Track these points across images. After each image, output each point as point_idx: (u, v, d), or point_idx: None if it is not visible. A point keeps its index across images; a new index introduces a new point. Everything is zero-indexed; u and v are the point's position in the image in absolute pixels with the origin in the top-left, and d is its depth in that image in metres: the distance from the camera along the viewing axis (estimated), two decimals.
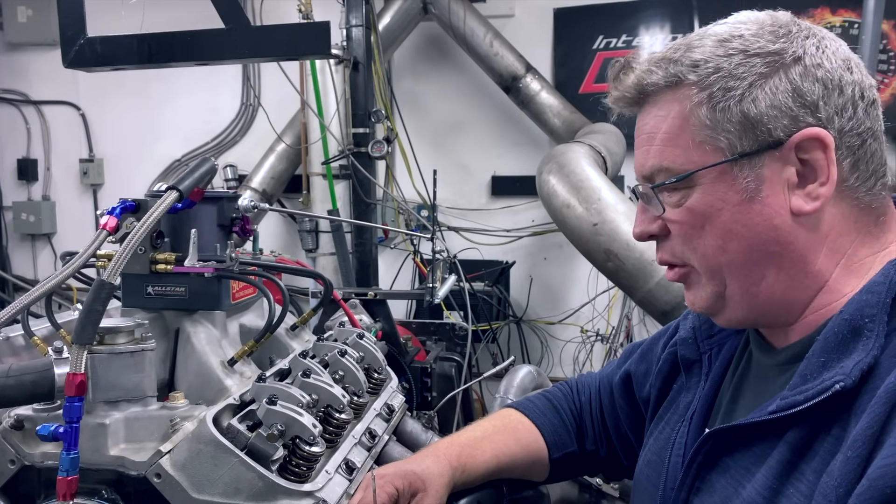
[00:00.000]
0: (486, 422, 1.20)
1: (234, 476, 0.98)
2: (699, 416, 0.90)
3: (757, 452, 0.76)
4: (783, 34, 0.76)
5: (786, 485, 0.71)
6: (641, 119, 0.83)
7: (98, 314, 0.92)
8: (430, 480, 1.04)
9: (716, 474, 0.81)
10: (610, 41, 4.61)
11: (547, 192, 3.13)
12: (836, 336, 0.72)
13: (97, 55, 1.63)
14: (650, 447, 0.99)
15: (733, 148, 0.75)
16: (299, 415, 1.03)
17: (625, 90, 0.83)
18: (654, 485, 0.92)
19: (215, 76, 5.05)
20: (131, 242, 0.96)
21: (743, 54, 0.75)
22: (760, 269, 0.78)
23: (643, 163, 0.83)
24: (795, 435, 0.72)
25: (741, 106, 0.74)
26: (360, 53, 3.79)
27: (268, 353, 1.40)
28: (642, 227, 0.87)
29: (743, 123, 0.75)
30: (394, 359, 2.40)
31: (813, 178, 0.75)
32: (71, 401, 0.88)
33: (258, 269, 1.34)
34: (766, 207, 0.76)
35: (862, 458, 0.63)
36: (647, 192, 0.84)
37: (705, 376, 0.94)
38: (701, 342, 0.97)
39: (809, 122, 0.74)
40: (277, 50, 1.65)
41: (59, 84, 5.36)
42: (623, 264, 2.74)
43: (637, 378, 1.11)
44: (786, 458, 0.72)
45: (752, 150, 0.75)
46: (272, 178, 4.65)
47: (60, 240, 5.66)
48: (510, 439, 1.14)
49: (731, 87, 0.75)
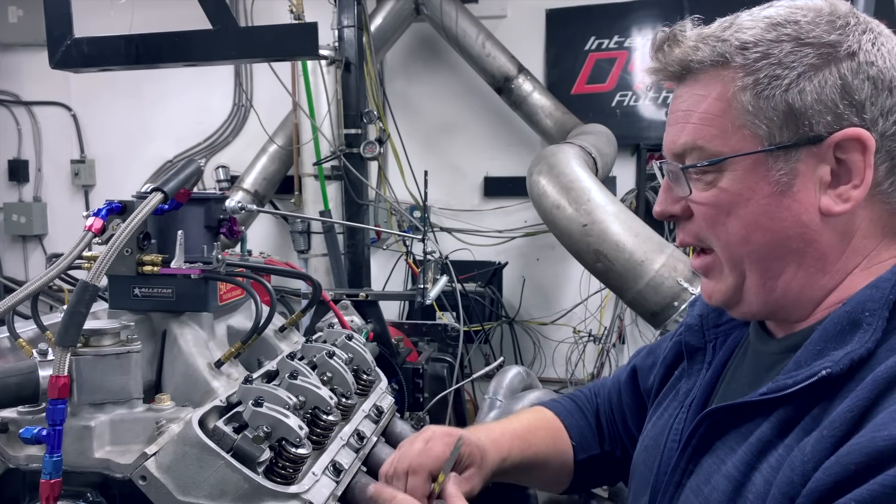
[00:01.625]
0: (524, 415, 1.18)
1: (219, 478, 0.98)
2: (698, 402, 0.90)
3: (743, 432, 0.77)
4: (840, 25, 0.73)
5: (761, 460, 0.72)
6: (680, 94, 0.81)
7: (81, 316, 0.91)
8: (486, 459, 1.04)
9: (707, 457, 0.81)
10: (602, 42, 4.63)
11: (537, 193, 3.14)
12: (835, 327, 0.72)
13: (84, 56, 1.62)
14: (648, 432, 0.99)
15: (772, 138, 0.73)
16: (285, 416, 1.03)
17: (668, 63, 0.80)
18: (650, 469, 0.92)
19: (207, 77, 5.04)
20: (115, 244, 0.96)
21: (795, 42, 0.72)
22: (781, 265, 0.77)
23: (675, 139, 0.80)
24: (779, 416, 0.73)
25: (786, 96, 0.72)
26: (352, 54, 3.79)
27: (256, 354, 1.40)
28: (664, 206, 0.85)
29: (786, 114, 0.72)
30: (385, 360, 2.40)
31: (847, 180, 0.73)
32: (54, 403, 0.88)
33: (245, 270, 1.34)
34: (795, 203, 0.74)
35: (836, 439, 0.63)
36: (674, 170, 0.81)
37: (708, 364, 0.93)
38: (707, 330, 0.96)
39: (853, 122, 0.71)
40: (265, 51, 1.65)
41: (51, 85, 5.34)
42: (612, 265, 2.74)
43: (643, 371, 1.11)
44: (766, 436, 0.73)
45: (791, 142, 0.73)
46: (264, 179, 4.64)
47: (52, 241, 5.63)
48: (549, 438, 1.14)
49: (779, 76, 0.72)
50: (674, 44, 0.80)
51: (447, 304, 3.73)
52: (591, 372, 4.72)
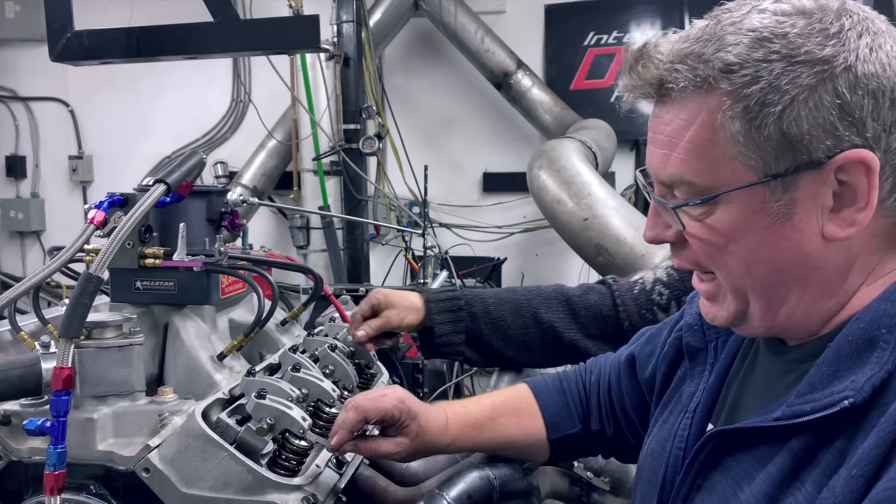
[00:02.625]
0: (497, 397, 1.19)
1: (223, 470, 0.98)
2: (702, 410, 0.88)
3: (759, 455, 0.73)
4: (834, 33, 0.65)
5: (784, 493, 0.68)
6: (660, 116, 0.73)
7: (85, 308, 0.91)
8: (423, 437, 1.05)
9: (717, 473, 0.79)
10: (601, 37, 4.62)
11: (538, 188, 3.14)
12: (849, 345, 0.68)
13: (84, 49, 1.61)
14: (654, 436, 0.97)
15: (767, 168, 0.67)
16: (288, 408, 1.02)
17: (643, 84, 0.73)
18: (656, 475, 0.90)
19: (205, 72, 5.03)
20: (119, 236, 0.95)
21: (786, 61, 0.65)
22: (784, 292, 0.73)
23: (661, 166, 0.74)
24: (799, 444, 0.69)
25: (780, 123, 0.65)
26: (351, 49, 3.79)
27: (257, 348, 1.40)
28: (655, 233, 0.79)
29: (781, 143, 0.66)
30: (385, 355, 2.39)
31: (850, 202, 0.67)
32: (58, 395, 0.87)
33: (247, 263, 1.33)
34: (796, 232, 0.69)
35: (867, 478, 0.60)
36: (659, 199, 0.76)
37: (710, 367, 0.91)
38: (707, 330, 0.92)
39: (854, 143, 0.65)
40: (266, 43, 1.64)
41: (48, 80, 5.33)
42: (613, 259, 2.75)
43: (640, 360, 1.10)
44: (787, 466, 0.69)
45: (788, 171, 0.66)
46: (263, 174, 4.64)
47: (49, 237, 5.62)
48: (512, 423, 1.13)
49: (771, 102, 0.65)
50: (647, 62, 0.72)
51: None
52: None
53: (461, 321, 1.42)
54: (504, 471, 1.15)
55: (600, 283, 1.49)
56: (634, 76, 0.74)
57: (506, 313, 1.43)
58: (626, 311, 1.42)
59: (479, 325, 1.43)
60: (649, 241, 0.81)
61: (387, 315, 1.38)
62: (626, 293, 1.43)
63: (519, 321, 1.43)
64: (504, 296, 1.47)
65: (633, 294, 1.43)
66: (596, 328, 1.43)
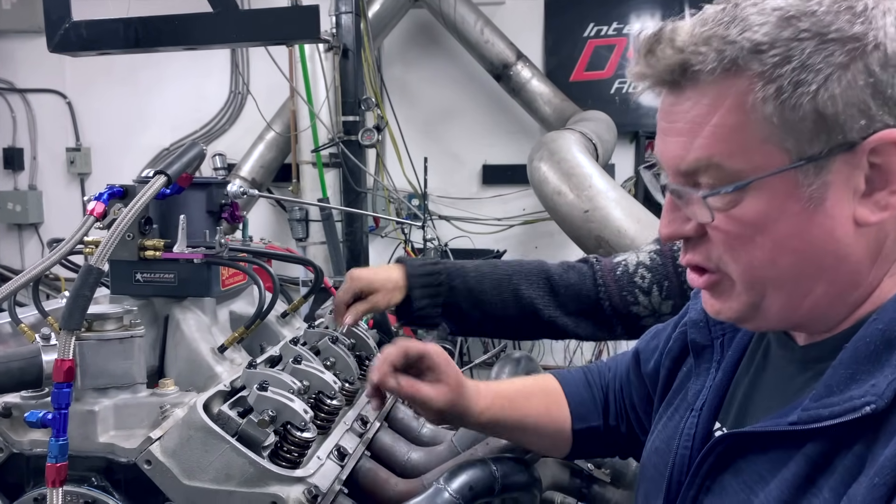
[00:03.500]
0: (525, 380, 1.17)
1: (225, 462, 0.98)
2: (709, 409, 0.85)
3: (773, 458, 0.71)
4: (860, 11, 0.64)
5: (800, 499, 0.67)
6: (678, 103, 0.70)
7: (86, 300, 0.91)
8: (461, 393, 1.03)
9: (728, 475, 0.77)
10: (601, 29, 4.60)
11: (538, 179, 3.13)
12: (867, 346, 0.66)
13: (82, 39, 1.60)
14: (658, 433, 0.95)
15: (801, 151, 0.65)
16: (290, 400, 1.02)
17: (661, 70, 0.69)
18: (661, 475, 0.89)
19: (203, 64, 5.00)
20: (119, 227, 0.95)
21: (818, 39, 0.63)
22: (809, 284, 0.70)
23: (681, 155, 0.70)
24: (814, 449, 0.67)
25: (815, 103, 0.63)
26: (350, 40, 3.77)
27: (258, 340, 1.40)
28: (673, 228, 0.75)
29: (816, 123, 0.64)
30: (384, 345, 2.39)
31: (882, 185, 0.66)
32: (59, 387, 0.87)
33: (248, 255, 1.33)
34: (828, 218, 0.66)
35: (889, 487, 0.59)
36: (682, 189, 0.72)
37: (717, 364, 0.88)
38: (713, 327, 0.90)
39: (887, 123, 0.64)
40: (266, 34, 1.63)
41: (45, 72, 5.30)
42: (614, 250, 2.74)
43: (644, 354, 1.08)
44: (802, 471, 0.67)
45: (823, 153, 0.64)
46: (261, 167, 4.62)
47: (48, 230, 5.61)
48: (542, 404, 1.12)
49: (804, 81, 0.63)
50: (667, 46, 0.69)
51: None
52: (590, 360, 4.73)
53: (440, 295, 1.41)
54: (506, 462, 1.16)
55: (582, 262, 1.49)
56: (651, 62, 0.70)
57: (486, 287, 1.42)
58: (606, 292, 1.42)
59: (458, 297, 1.42)
60: (666, 238, 0.77)
61: (373, 300, 1.36)
62: (609, 274, 1.43)
63: (498, 296, 1.42)
64: (485, 269, 1.45)
65: (615, 275, 1.43)
66: (575, 306, 1.43)
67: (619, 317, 1.42)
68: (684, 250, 0.77)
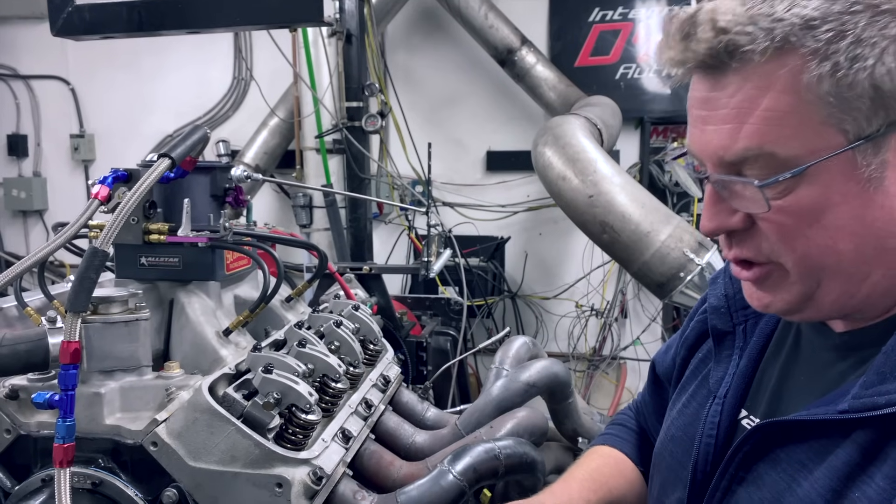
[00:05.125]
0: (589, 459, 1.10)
1: (230, 444, 0.98)
2: (734, 396, 0.83)
3: (816, 448, 0.69)
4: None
5: (851, 488, 0.64)
6: (719, 89, 0.66)
7: (91, 282, 0.91)
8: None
9: (765, 465, 0.74)
10: (606, 13, 4.56)
11: (543, 165, 3.12)
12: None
13: (86, 23, 1.60)
14: (674, 421, 0.92)
15: (859, 130, 0.62)
16: (295, 383, 1.03)
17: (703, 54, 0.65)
18: (681, 464, 0.86)
19: (207, 49, 4.98)
20: (124, 209, 0.95)
21: (871, 11, 0.60)
22: (867, 268, 0.67)
23: (726, 144, 0.66)
24: (865, 436, 0.65)
25: (873, 79, 0.60)
26: (354, 25, 3.74)
27: (263, 324, 1.40)
28: (718, 222, 0.71)
29: (874, 100, 0.61)
30: (389, 333, 2.40)
31: None
32: (66, 368, 0.88)
33: (252, 239, 1.33)
34: (888, 198, 0.64)
35: None
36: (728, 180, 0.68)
37: (740, 351, 0.86)
38: (735, 313, 0.87)
39: None
40: (269, 17, 1.62)
41: (48, 58, 5.29)
42: (619, 236, 2.73)
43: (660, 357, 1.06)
44: (854, 459, 0.65)
45: (881, 131, 0.62)
46: (265, 153, 4.61)
47: (52, 216, 5.61)
48: (617, 474, 1.06)
49: (860, 56, 0.60)
50: (708, 28, 0.64)
51: (449, 278, 3.73)
52: (594, 346, 4.73)
53: None
54: (510, 445, 1.16)
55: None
56: (690, 46, 0.66)
57: None
58: None
59: None
60: (710, 232, 0.73)
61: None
62: None
63: None
64: None
65: None
66: None
67: None
68: (728, 244, 0.73)
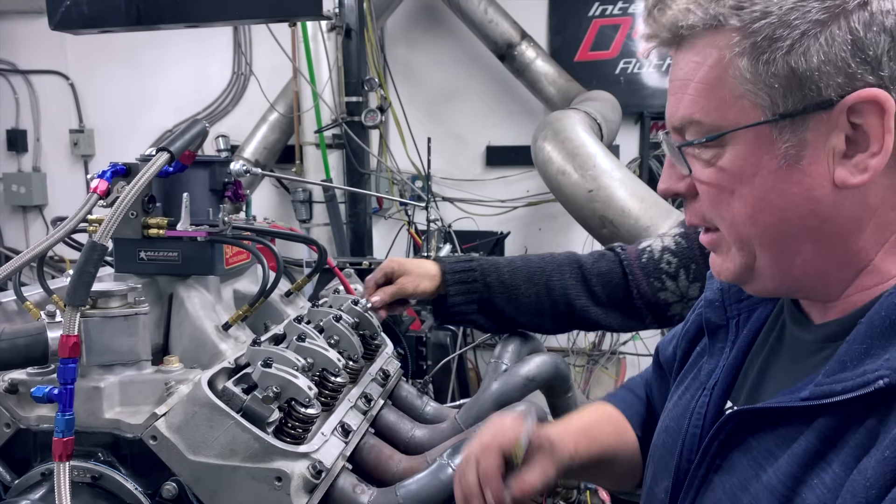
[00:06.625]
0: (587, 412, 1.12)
1: (229, 438, 0.98)
2: (721, 387, 0.85)
3: (783, 435, 0.71)
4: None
5: (809, 474, 0.66)
6: (676, 62, 0.74)
7: (90, 276, 0.91)
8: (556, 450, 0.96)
9: (738, 453, 0.76)
10: (606, 8, 4.56)
11: (542, 159, 3.12)
12: (882, 321, 0.66)
13: (84, 17, 1.59)
14: (669, 412, 0.94)
15: (775, 107, 0.66)
16: (294, 377, 1.03)
17: (659, 30, 0.73)
18: (671, 453, 0.88)
19: (206, 45, 4.98)
20: (123, 203, 0.95)
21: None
22: (795, 244, 0.70)
23: (674, 112, 0.74)
24: (825, 424, 0.67)
25: (789, 59, 0.64)
26: (353, 20, 3.74)
27: (262, 318, 1.40)
28: (668, 184, 0.79)
29: (789, 79, 0.65)
30: (389, 328, 2.40)
31: (864, 147, 0.65)
32: (65, 362, 0.88)
33: (252, 234, 1.33)
34: (806, 177, 0.67)
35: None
36: (670, 142, 0.76)
37: (731, 344, 0.88)
38: (729, 306, 0.89)
39: (868, 81, 0.63)
40: (268, 10, 1.62)
41: (47, 53, 5.28)
42: (618, 230, 2.74)
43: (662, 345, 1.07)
44: (813, 446, 0.67)
45: (797, 110, 0.65)
46: (265, 148, 4.61)
47: (52, 211, 5.61)
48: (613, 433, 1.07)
49: (779, 37, 0.64)
50: (664, 7, 0.72)
51: None
52: (593, 341, 4.74)
53: (475, 292, 1.44)
54: None
55: (609, 251, 1.49)
56: (652, 23, 0.74)
57: (520, 281, 1.44)
58: (634, 280, 1.42)
59: (493, 293, 1.44)
60: (661, 193, 0.81)
61: (401, 282, 1.41)
62: (635, 261, 1.43)
63: (532, 289, 1.44)
64: (518, 264, 1.48)
65: (640, 262, 1.43)
66: (606, 296, 1.44)
67: (648, 305, 1.42)
68: (685, 212, 0.80)
